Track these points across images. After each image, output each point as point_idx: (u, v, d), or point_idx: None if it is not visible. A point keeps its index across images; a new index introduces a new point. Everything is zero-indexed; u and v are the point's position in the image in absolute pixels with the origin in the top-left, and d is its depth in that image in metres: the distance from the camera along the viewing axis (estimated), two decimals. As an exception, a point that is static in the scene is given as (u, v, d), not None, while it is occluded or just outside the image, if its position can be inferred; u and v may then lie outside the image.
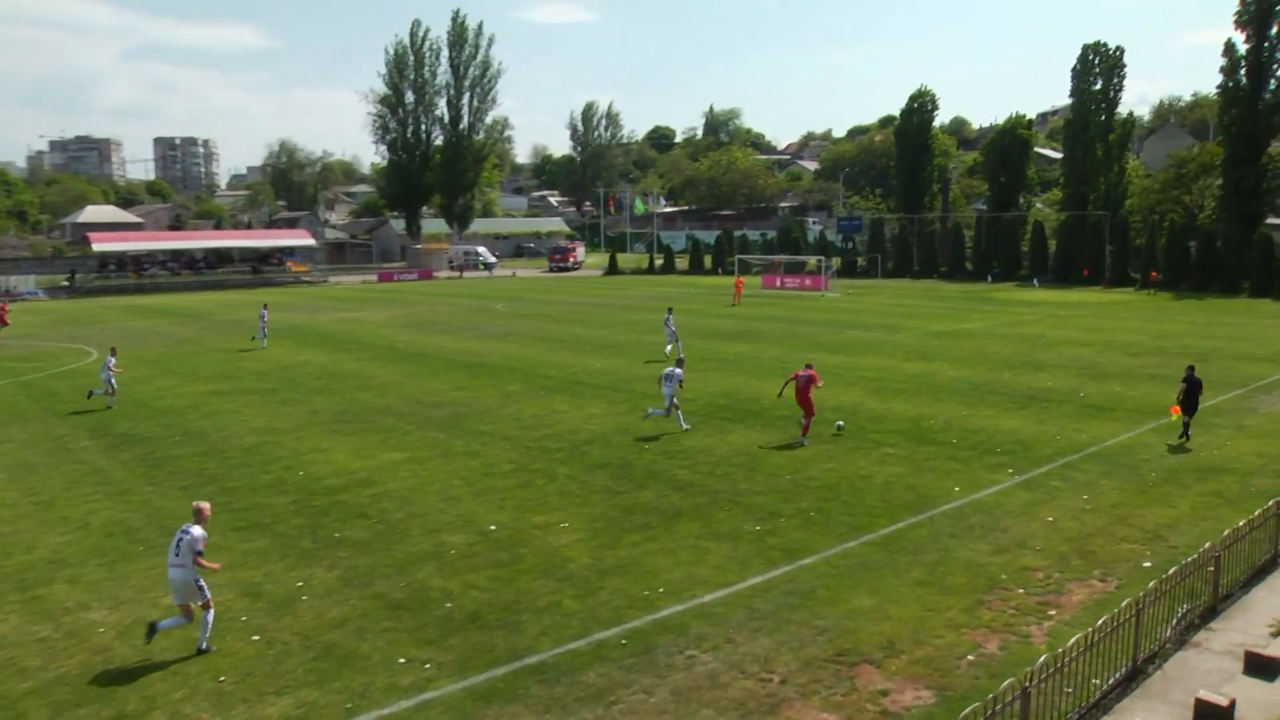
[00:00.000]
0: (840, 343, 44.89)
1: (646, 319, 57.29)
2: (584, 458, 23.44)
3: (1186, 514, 18.82)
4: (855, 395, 30.99)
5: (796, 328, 51.92)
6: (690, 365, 37.86)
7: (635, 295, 77.89)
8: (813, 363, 27.31)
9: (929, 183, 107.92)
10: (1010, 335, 47.19)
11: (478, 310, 64.46)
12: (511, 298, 75.99)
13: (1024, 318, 56.25)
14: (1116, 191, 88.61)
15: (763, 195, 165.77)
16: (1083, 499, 19.74)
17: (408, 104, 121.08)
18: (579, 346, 44.18)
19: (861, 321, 54.87)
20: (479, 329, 52.53)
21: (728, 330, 50.30)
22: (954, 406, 28.95)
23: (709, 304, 68.64)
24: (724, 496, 20.10)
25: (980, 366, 36.79)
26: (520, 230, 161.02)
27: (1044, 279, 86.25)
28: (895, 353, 40.71)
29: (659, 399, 29.78)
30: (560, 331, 50.79)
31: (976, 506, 19.29)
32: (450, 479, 21.72)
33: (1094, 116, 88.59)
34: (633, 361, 39.20)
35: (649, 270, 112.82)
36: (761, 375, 35.35)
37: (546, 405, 29.91)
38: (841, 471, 21.88)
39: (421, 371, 37.25)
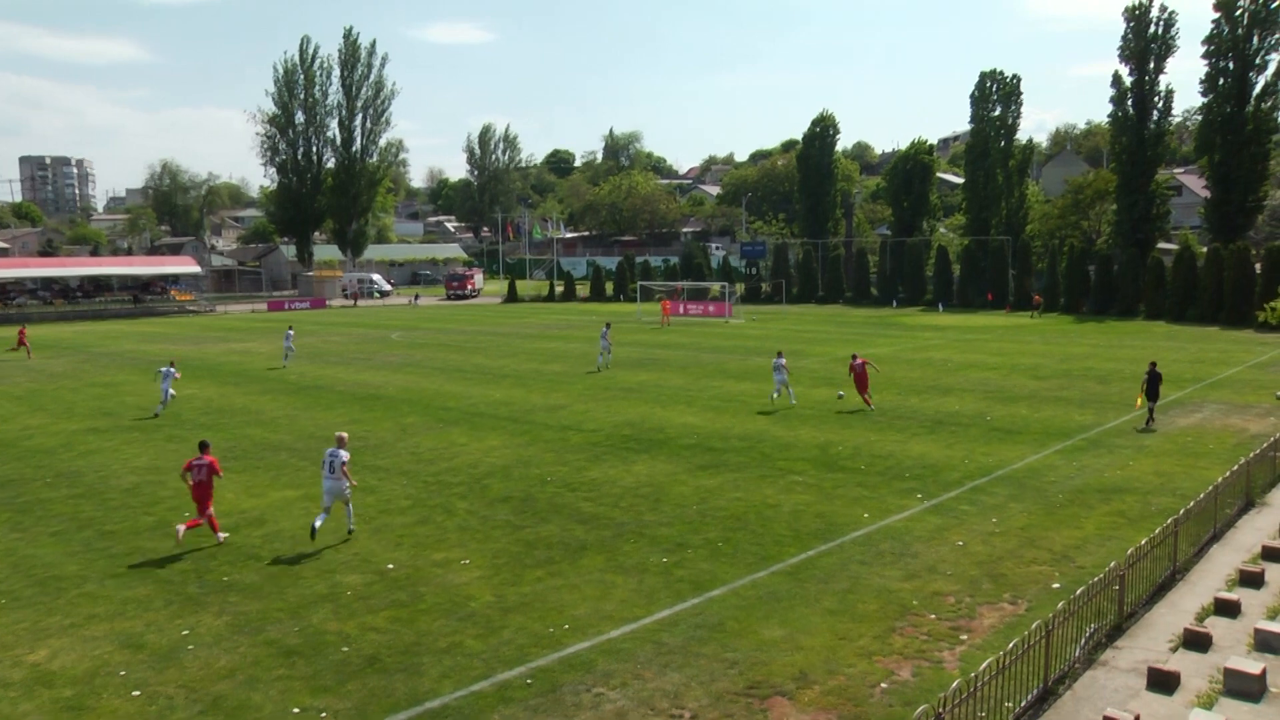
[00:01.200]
0: (746, 370, 45.29)
1: (547, 348, 57.16)
2: (484, 492, 23.19)
3: (1092, 534, 19.36)
4: (762, 422, 31.28)
5: (700, 355, 52.31)
6: (592, 394, 37.99)
7: (535, 323, 77.66)
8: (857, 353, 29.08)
9: (832, 208, 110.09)
10: (916, 360, 48.19)
11: (373, 340, 63.57)
12: (408, 327, 75.13)
13: (930, 342, 57.52)
14: (1018, 217, 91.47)
15: (665, 220, 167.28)
16: (992, 522, 20.17)
17: (298, 124, 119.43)
18: (478, 377, 43.83)
19: (767, 348, 55.46)
20: (374, 359, 51.80)
21: (629, 358, 50.42)
22: (862, 432, 29.40)
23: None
24: (629, 529, 20.05)
25: (888, 391, 37.45)
26: (416, 257, 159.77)
27: (948, 303, 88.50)
28: (802, 379, 41.21)
29: (557, 429, 29.96)
30: (459, 361, 50.39)
31: (886, 532, 19.57)
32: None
33: (994, 142, 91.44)
34: (533, 391, 39.02)
35: (549, 298, 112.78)
36: (665, 403, 35.46)
37: (445, 438, 29.56)
38: (749, 500, 22.01)
39: (314, 405, 36.52)
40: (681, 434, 29.36)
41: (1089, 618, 14.02)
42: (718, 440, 28.52)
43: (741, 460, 25.89)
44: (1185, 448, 26.95)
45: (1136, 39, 76.99)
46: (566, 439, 29.15)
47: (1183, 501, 21.13)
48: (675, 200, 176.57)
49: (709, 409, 34.10)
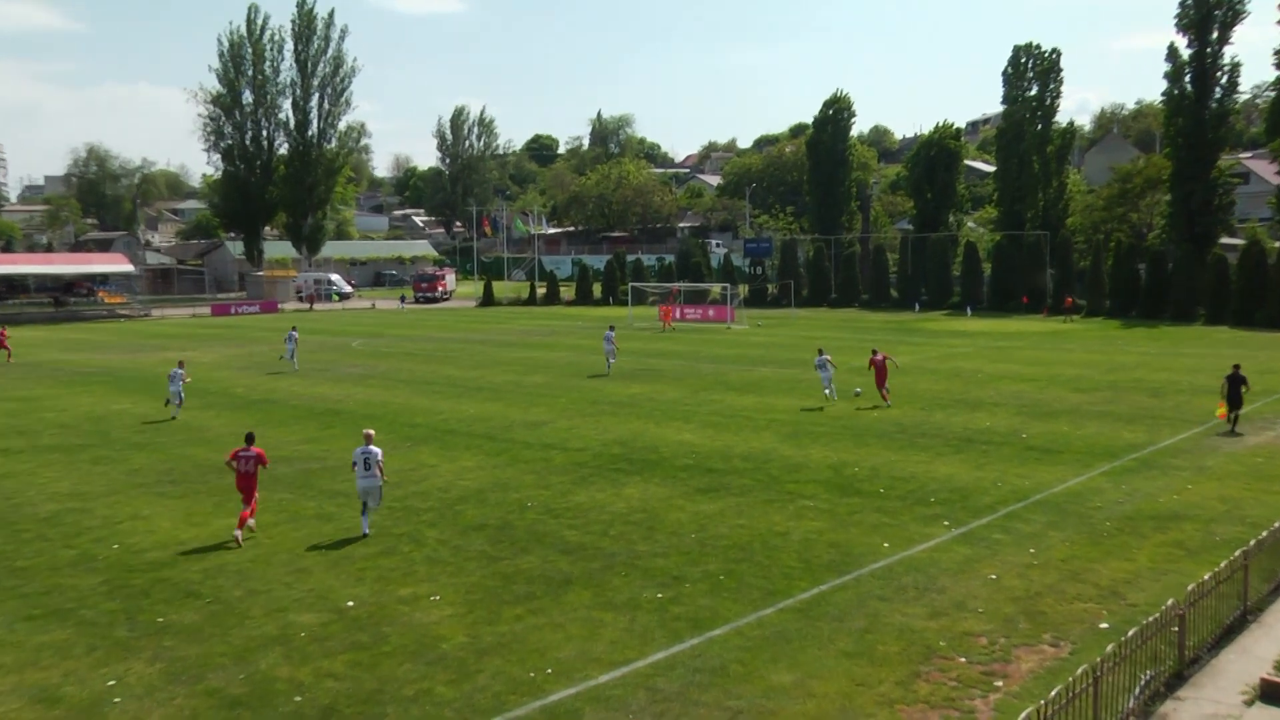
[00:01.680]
0: (749, 381, 45.37)
1: (528, 357, 57.18)
2: (457, 519, 23.15)
3: (1145, 567, 19.34)
4: (767, 440, 31.30)
5: (699, 365, 52.41)
6: (577, 409, 38.02)
7: (514, 330, 77.66)
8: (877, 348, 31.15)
9: (847, 200, 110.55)
10: (942, 370, 48.29)
11: (331, 348, 63.52)
12: (371, 334, 75.09)
13: (957, 350, 57.63)
14: (1056, 209, 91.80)
15: (659, 214, 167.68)
16: (1029, 553, 20.15)
17: (246, 105, 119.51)
18: (450, 390, 43.82)
19: (773, 357, 55.52)
20: (333, 370, 51.75)
21: (620, 369, 50.46)
22: (880, 451, 29.43)
23: (602, 340, 68.87)
24: (620, 560, 20.02)
25: (909, 406, 37.51)
26: (380, 255, 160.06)
27: (978, 307, 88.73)
28: (813, 392, 41.25)
29: (538, 449, 29.99)
30: (428, 373, 50.42)
31: (909, 564, 19.54)
32: (299, 548, 21.22)
33: (1029, 125, 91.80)
34: (512, 406, 39.00)
35: (529, 301, 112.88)
36: (659, 419, 35.49)
37: (412, 458, 29.52)
38: (753, 528, 21.99)
39: (265, 421, 36.45)
40: (678, 453, 29.36)
41: (1144, 663, 13.89)
42: (718, 460, 28.53)
43: (745, 483, 25.88)
44: (1255, 469, 26.95)
45: (1197, 5, 76.55)
46: (549, 459, 29.14)
47: (1253, 531, 21.07)
48: (671, 192, 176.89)
49: (709, 425, 34.12)
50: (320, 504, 24.61)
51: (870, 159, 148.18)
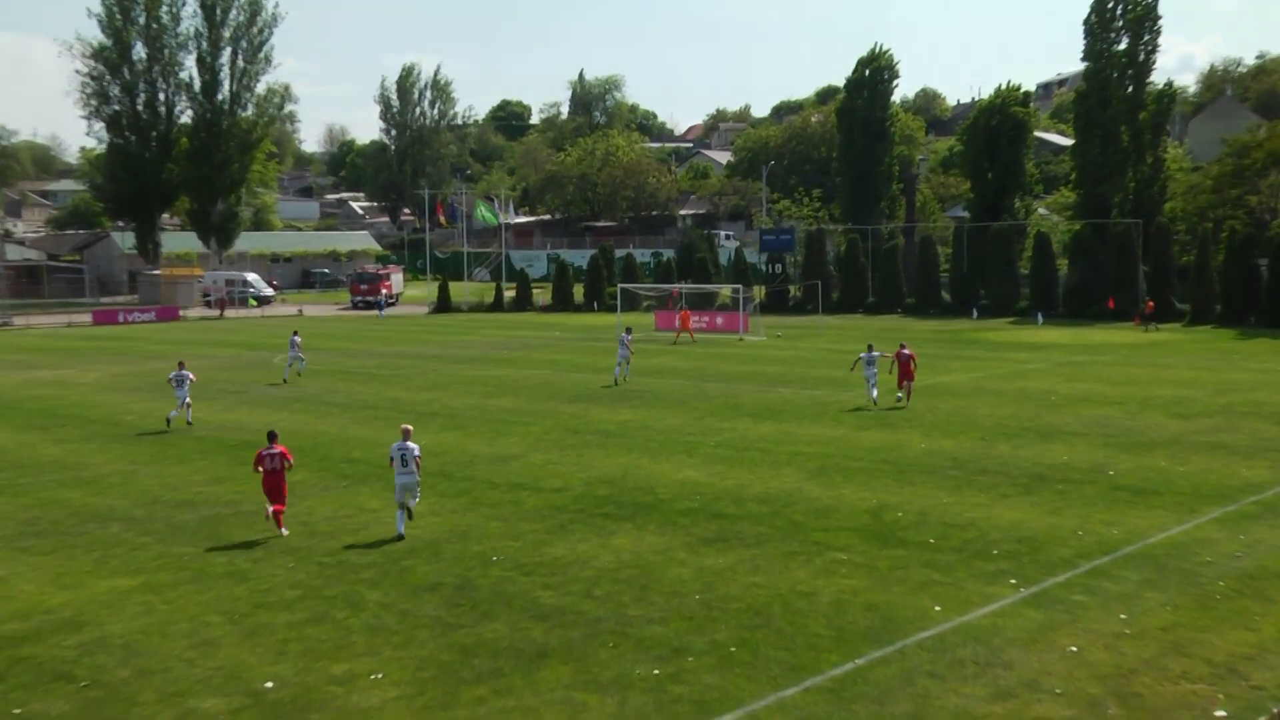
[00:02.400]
0: (767, 405, 45.39)
1: (494, 376, 57.21)
2: (405, 576, 23.05)
3: (1272, 639, 19.24)
4: (790, 478, 31.23)
5: (704, 385, 52.48)
6: (555, 439, 38.02)
7: (477, 342, 77.67)
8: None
9: (887, 181, 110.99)
10: (1007, 391, 48.33)
11: (248, 366, 63.52)
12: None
13: (1025, 367, 57.71)
14: (1151, 191, 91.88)
15: (655, 199, 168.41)
16: (1119, 619, 20.07)
17: (137, 61, 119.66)
18: (396, 416, 43.71)
19: (796, 375, 55.56)
20: (249, 393, 51.66)
21: (607, 391, 50.46)
22: (930, 492, 29.37)
23: (584, 353, 68.81)
24: (607, 627, 19.93)
25: (966, 436, 37.49)
26: (310, 249, 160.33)
27: (1051, 313, 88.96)
28: (845, 419, 41.27)
29: (506, 489, 29.94)
30: (369, 395, 50.51)
31: (966, 633, 19.46)
32: (205, 614, 21.09)
33: (1117, 88, 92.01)
34: (474, 436, 38.95)
35: (495, 306, 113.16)
36: (656, 452, 35.45)
37: (350, 501, 29.41)
38: (773, 586, 21.91)
39: (162, 456, 36.34)
40: (678, 494, 29.28)
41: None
42: (728, 503, 28.47)
43: (762, 531, 25.81)
44: (1402, 515, 26.95)
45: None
46: (519, 502, 29.05)
47: None
48: (670, 172, 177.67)
49: (717, 460, 34.08)
50: (232, 559, 24.49)
51: (916, 130, 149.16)
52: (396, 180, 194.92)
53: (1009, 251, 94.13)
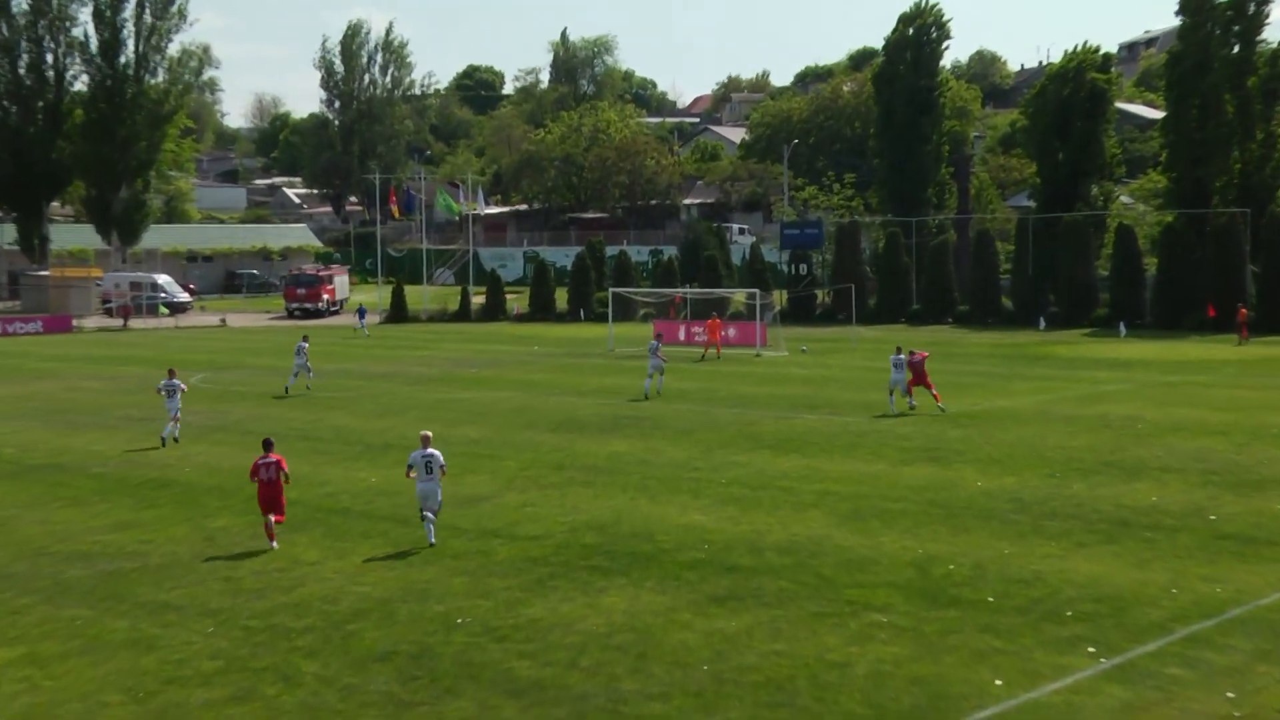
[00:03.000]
0: (791, 435, 45.40)
1: (459, 400, 57.43)
2: (349, 644, 22.89)
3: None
4: (817, 523, 31.01)
5: (713, 410, 52.61)
6: (536, 478, 37.87)
7: (438, 358, 77.81)
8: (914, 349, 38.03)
9: (935, 163, 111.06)
10: (1082, 418, 48.28)
11: (156, 387, 63.38)
12: (218, 365, 75.21)
13: (1105, 388, 57.73)
14: (1262, 174, 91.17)
15: (653, 186, 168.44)
16: (1225, 698, 19.94)
17: (18, 14, 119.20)
18: (340, 449, 43.75)
19: (825, 399, 55.72)
20: (160, 421, 51.60)
21: (595, 416, 50.49)
22: (988, 540, 29.20)
23: (568, 372, 68.76)
24: (596, 704, 19.79)
25: (1031, 472, 37.32)
26: (235, 246, 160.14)
27: (1136, 323, 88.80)
28: (884, 450, 41.27)
29: (474, 537, 29.79)
30: (306, 423, 50.61)
31: (1034, 713, 19.32)
32: (101, 692, 20.90)
33: (1219, 47, 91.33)
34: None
35: (460, 314, 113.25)
36: (655, 491, 35.29)
37: (283, 552, 29.22)
38: (797, 656, 21.77)
39: (48, 498, 36.16)
40: (683, 543, 29.06)
41: None
42: (743, 553, 28.26)
43: (783, 588, 25.59)
44: None
45: None
46: (490, 553, 28.86)
47: None
48: (671, 153, 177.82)
49: (729, 501, 33.92)
50: (136, 624, 24.27)
51: (971, 102, 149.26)
52: (341, 162, 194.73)
53: (1084, 248, 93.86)
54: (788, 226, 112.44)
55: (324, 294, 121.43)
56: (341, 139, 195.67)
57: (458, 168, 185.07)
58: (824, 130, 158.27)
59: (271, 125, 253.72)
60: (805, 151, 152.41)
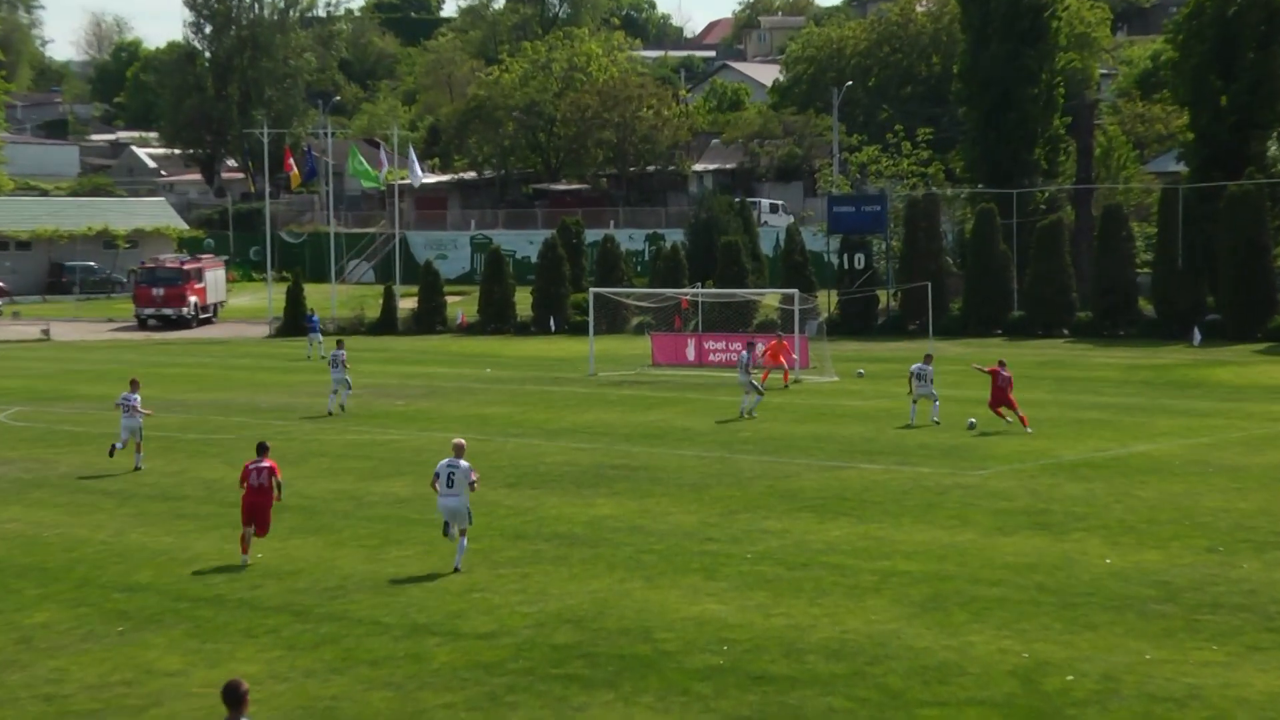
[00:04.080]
0: (842, 491, 45.57)
1: (382, 443, 57.71)
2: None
3: None
4: (881, 615, 30.87)
5: (734, 457, 53.00)
6: (491, 552, 37.76)
7: (354, 385, 77.64)
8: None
9: (1045, 112, 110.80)
10: (1254, 469, 48.34)
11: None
12: (38, 394, 75.77)
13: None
14: None
15: (652, 146, 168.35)
16: None
17: None
18: (211, 513, 43.77)
19: (891, 441, 56.10)
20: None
21: (568, 469, 50.67)
22: (1120, 640, 29.14)
23: (534, 405, 68.86)
24: None
25: (1182, 544, 37.27)
26: (64, 228, 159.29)
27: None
28: (974, 513, 41.50)
29: (400, 635, 29.56)
30: (166, 476, 50.96)
31: None
32: None
33: None
34: (344, 544, 38.78)
35: (383, 324, 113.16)
36: (652, 570, 35.39)
37: (129, 658, 29.16)
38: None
39: None
40: (693, 643, 29.10)
41: None
42: (777, 658, 28.27)
43: (834, 707, 25.63)
44: None
45: None
46: (424, 657, 28.95)
47: None
48: (676, 100, 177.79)
49: (755, 583, 33.89)
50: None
51: (1097, 25, 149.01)
52: (214, 111, 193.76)
53: (1257, 229, 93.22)
54: (838, 202, 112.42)
55: (190, 296, 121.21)
56: (215, 79, 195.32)
57: (379, 120, 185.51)
58: (889, 68, 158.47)
59: (115, 58, 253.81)
60: (863, 98, 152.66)
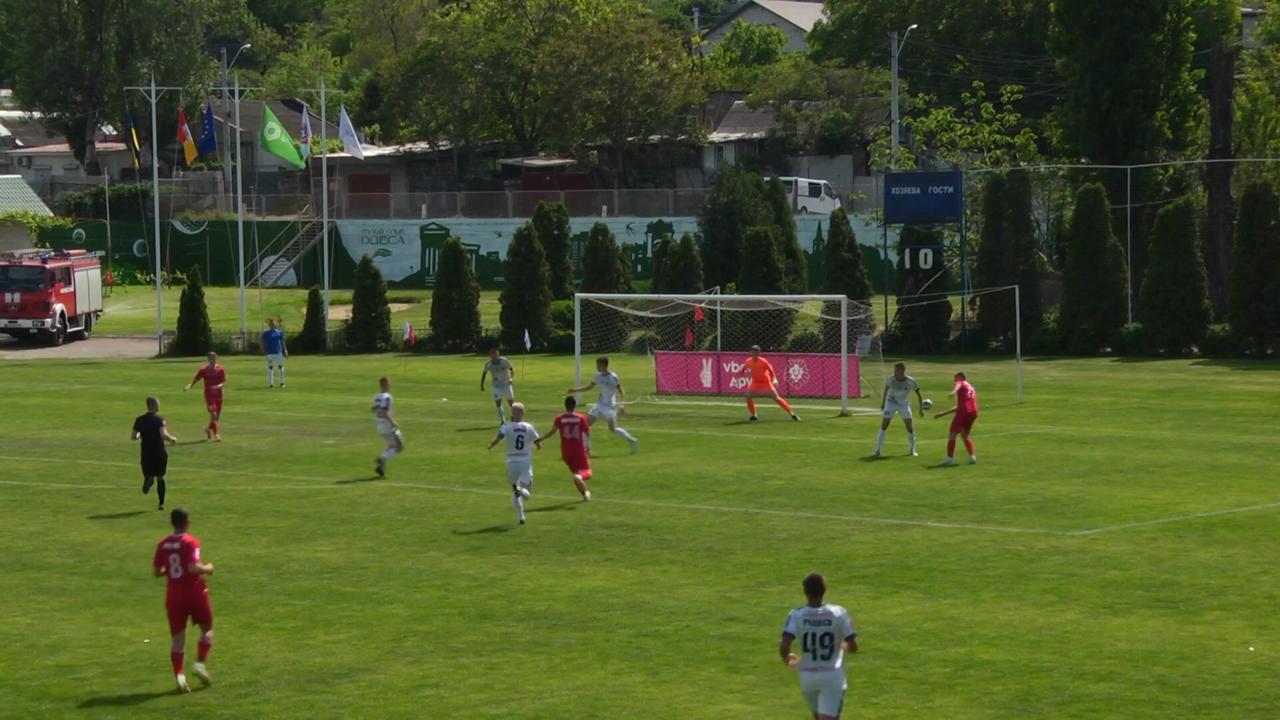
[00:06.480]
0: (903, 558, 45.64)
1: (303, 494, 57.87)
2: None
3: None
4: (956, 713, 30.57)
5: (761, 512, 53.14)
6: (446, 636, 37.75)
7: (259, 419, 78.07)
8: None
9: (1169, 66, 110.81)
10: None
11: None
12: None
13: None
14: None
15: (659, 109, 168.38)
16: None
17: None
18: (82, 585, 43.77)
19: (967, 492, 56.38)
20: None
21: (548, 528, 50.54)
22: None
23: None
24: None
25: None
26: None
27: None
28: (1077, 586, 41.43)
29: None
30: (25, 537, 51.22)
31: None
32: None
33: None
34: (258, 628, 38.78)
35: (309, 341, 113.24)
36: (657, 661, 35.10)
37: None
38: None
39: None
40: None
41: None
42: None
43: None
44: None
45: None
46: None
47: None
48: (689, 49, 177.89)
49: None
50: None
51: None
52: (83, 63, 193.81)
53: None
54: (898, 182, 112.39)
55: (54, 303, 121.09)
56: (85, 19, 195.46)
57: (301, 75, 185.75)
58: (965, 5, 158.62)
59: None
60: (931, 45, 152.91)
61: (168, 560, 32.22)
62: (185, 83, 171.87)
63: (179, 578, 32.12)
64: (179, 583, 32.20)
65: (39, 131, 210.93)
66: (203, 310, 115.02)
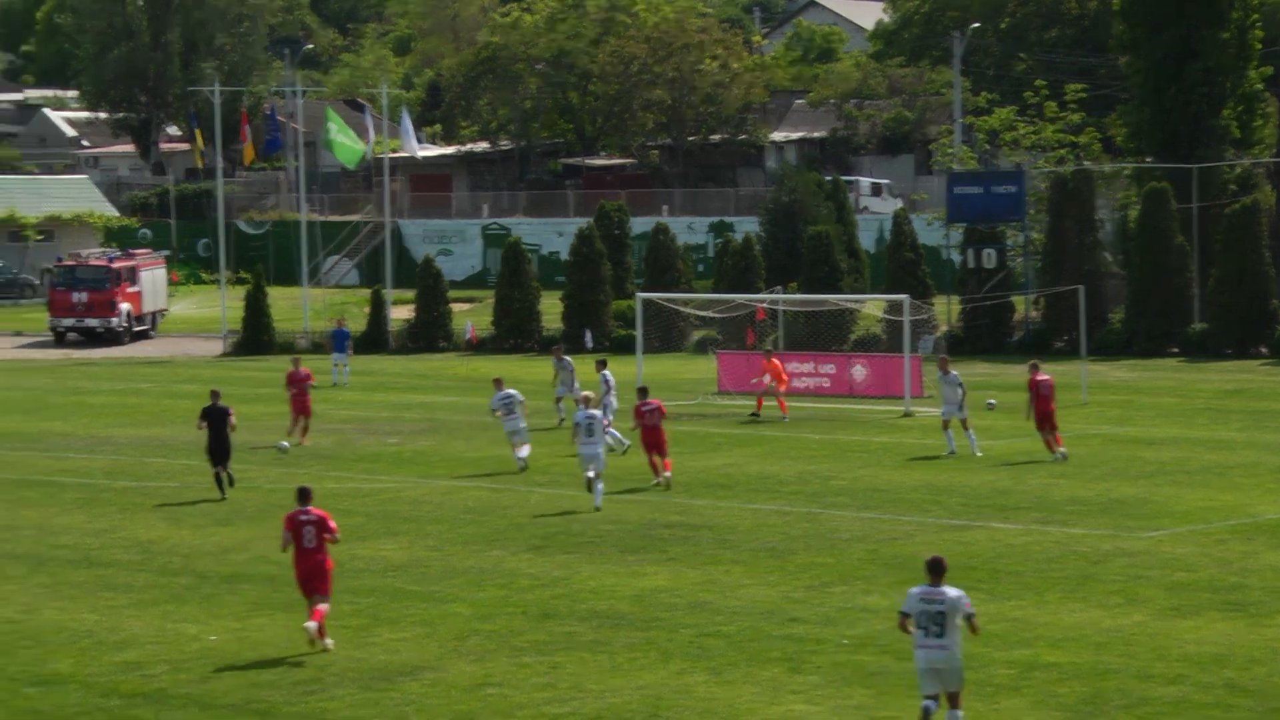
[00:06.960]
0: (968, 558, 45.22)
1: (367, 492, 57.99)
2: None
3: None
4: (1021, 716, 30.43)
5: (824, 513, 53.07)
6: (510, 634, 37.73)
7: (333, 418, 78.37)
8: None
9: (1237, 62, 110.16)
10: None
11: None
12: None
13: None
14: None
15: (720, 109, 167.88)
16: None
17: None
18: (140, 582, 43.85)
19: (1032, 493, 56.17)
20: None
21: (610, 527, 50.32)
22: None
23: (566, 444, 68.85)
24: None
25: None
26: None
27: None
28: (1143, 587, 41.25)
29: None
30: (92, 534, 51.06)
31: None
32: None
33: None
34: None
35: (371, 340, 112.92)
36: (720, 661, 34.95)
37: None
38: None
39: None
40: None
41: None
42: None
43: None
44: None
45: None
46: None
47: None
48: (749, 48, 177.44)
49: (853, 678, 33.15)
50: None
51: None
52: (149, 64, 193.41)
53: None
54: (961, 181, 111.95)
55: (121, 303, 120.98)
56: (150, 20, 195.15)
57: (363, 76, 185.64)
58: (1028, 4, 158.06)
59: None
60: (994, 44, 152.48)
61: (302, 531, 34.36)
62: (248, 83, 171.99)
63: (312, 547, 34.42)
64: (311, 552, 34.50)
65: (105, 132, 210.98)
66: (266, 310, 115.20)
